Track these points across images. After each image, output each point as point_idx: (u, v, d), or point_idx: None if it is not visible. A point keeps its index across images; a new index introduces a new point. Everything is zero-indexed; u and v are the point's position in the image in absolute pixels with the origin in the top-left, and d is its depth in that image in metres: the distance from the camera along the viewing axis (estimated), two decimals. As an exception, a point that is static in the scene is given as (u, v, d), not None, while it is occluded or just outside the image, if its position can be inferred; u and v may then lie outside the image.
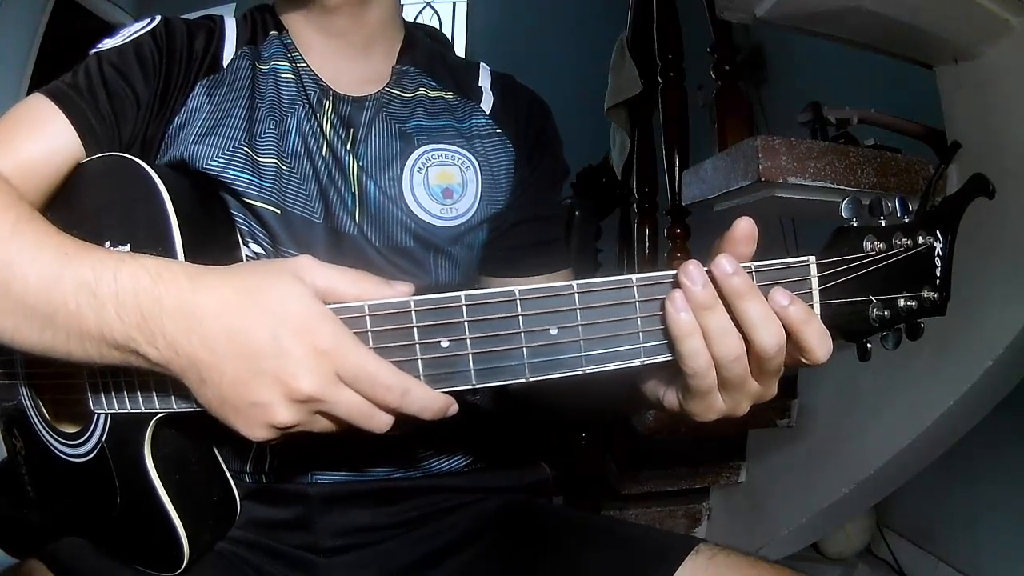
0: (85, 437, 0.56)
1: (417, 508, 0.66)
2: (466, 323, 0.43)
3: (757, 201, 1.13)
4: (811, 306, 0.44)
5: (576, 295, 0.43)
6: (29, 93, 0.59)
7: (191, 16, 0.68)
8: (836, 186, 1.10)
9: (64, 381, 0.56)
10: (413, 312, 0.43)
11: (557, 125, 0.76)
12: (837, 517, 1.48)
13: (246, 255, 0.61)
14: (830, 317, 0.44)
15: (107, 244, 0.53)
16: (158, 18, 0.65)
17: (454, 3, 4.06)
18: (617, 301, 0.43)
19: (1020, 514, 1.42)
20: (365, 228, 0.63)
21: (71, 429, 0.58)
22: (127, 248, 0.52)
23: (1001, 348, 1.00)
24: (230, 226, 0.61)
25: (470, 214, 0.66)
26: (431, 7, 4.06)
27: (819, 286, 0.44)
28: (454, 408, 0.45)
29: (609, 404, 0.58)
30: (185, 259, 0.50)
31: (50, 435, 0.59)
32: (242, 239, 0.61)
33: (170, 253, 0.50)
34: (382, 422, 0.44)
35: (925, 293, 0.45)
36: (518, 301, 0.43)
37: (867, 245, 0.44)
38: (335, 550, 0.63)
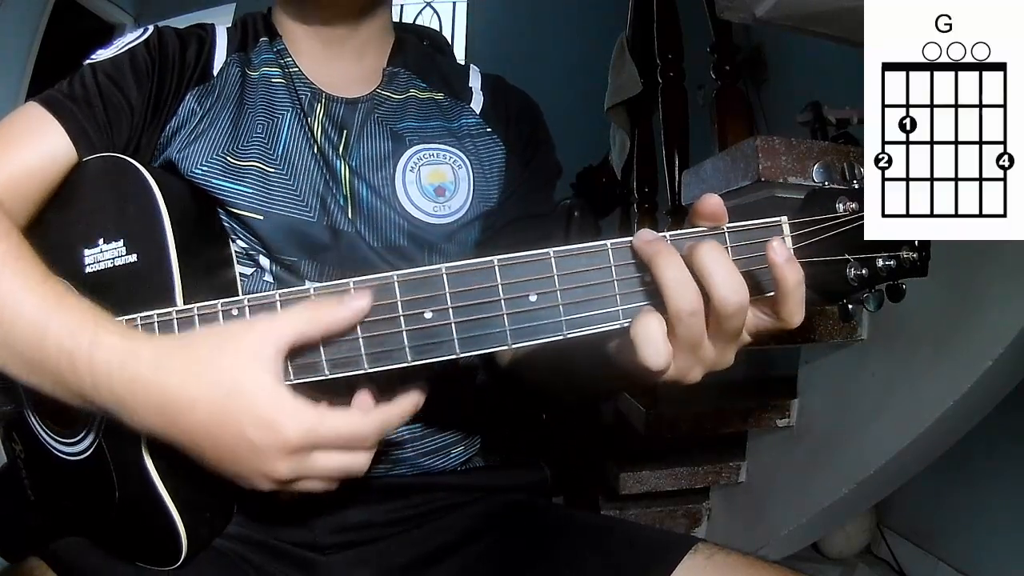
0: (82, 434, 0.56)
1: (416, 506, 0.66)
2: (448, 294, 0.44)
3: (757, 201, 1.13)
4: None
5: (553, 261, 0.43)
6: (29, 92, 0.60)
7: (184, 24, 0.69)
8: (836, 186, 1.10)
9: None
10: (396, 285, 0.44)
11: (553, 125, 0.76)
12: (837, 517, 1.48)
13: (235, 252, 0.62)
14: (808, 276, 0.43)
15: (101, 241, 0.54)
16: (151, 28, 0.65)
17: (454, 3, 4.06)
18: (593, 266, 0.44)
19: (1020, 514, 1.42)
20: (360, 228, 0.63)
21: (69, 427, 0.58)
22: (120, 244, 0.53)
23: (1001, 348, 1.00)
24: (221, 226, 0.61)
25: (463, 211, 0.66)
26: (431, 7, 4.07)
27: (793, 245, 0.44)
28: (421, 400, 0.49)
29: (591, 378, 0.59)
30: (177, 257, 0.52)
31: (48, 435, 0.59)
32: (232, 236, 0.62)
33: (163, 252, 0.52)
34: (365, 463, 0.48)
35: (904, 253, 0.44)
36: (496, 269, 0.44)
37: (840, 206, 0.44)
38: (333, 547, 0.63)
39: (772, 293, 0.43)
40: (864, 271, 0.44)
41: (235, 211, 0.60)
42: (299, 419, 0.44)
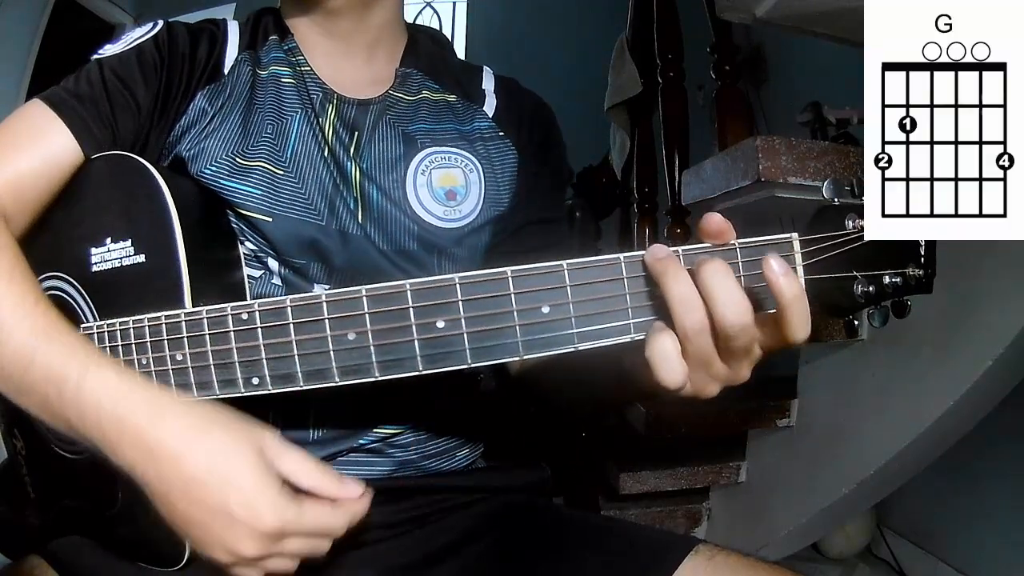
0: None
1: (417, 508, 0.66)
2: (460, 303, 0.44)
3: (757, 201, 1.13)
4: None
5: (566, 272, 0.44)
6: (29, 92, 0.60)
7: (193, 19, 0.68)
8: (836, 186, 1.10)
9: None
10: (409, 293, 0.44)
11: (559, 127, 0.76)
12: (837, 517, 1.48)
13: (244, 253, 0.61)
14: (815, 293, 0.44)
15: (108, 241, 0.54)
16: (160, 24, 0.64)
17: (454, 3, 4.06)
18: (606, 278, 0.44)
19: (1020, 514, 1.42)
20: (369, 231, 0.63)
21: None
22: (128, 243, 0.53)
23: (1001, 348, 1.00)
24: (229, 227, 0.61)
25: (473, 215, 0.66)
26: (431, 7, 4.07)
27: (803, 262, 0.44)
28: (367, 499, 0.51)
29: (605, 391, 0.60)
30: (186, 258, 0.52)
31: (50, 432, 0.59)
32: (241, 238, 0.61)
33: (172, 253, 0.51)
34: (326, 549, 0.49)
35: (910, 271, 0.44)
36: (510, 280, 0.44)
37: (849, 223, 0.44)
38: (335, 548, 0.63)
39: (773, 311, 0.43)
40: (871, 288, 0.44)
41: (243, 212, 0.60)
42: (280, 511, 0.45)
